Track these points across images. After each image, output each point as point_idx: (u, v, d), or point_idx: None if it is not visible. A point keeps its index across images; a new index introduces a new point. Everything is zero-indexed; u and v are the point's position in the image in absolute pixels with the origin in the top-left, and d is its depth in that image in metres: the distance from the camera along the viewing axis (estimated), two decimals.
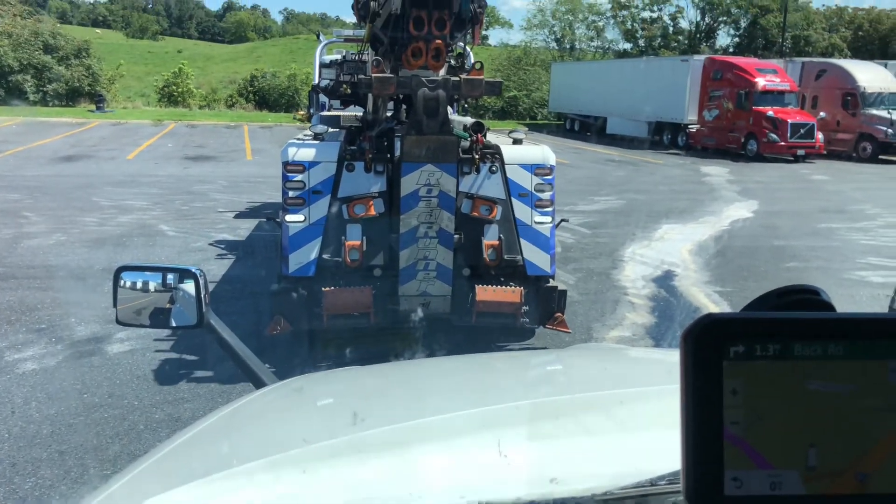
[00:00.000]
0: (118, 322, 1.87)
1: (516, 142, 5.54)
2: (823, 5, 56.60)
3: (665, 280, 8.09)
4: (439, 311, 5.27)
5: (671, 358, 1.66)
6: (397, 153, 5.14)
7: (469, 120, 6.32)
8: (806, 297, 0.69)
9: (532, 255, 5.25)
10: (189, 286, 1.81)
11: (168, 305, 1.84)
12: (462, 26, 4.84)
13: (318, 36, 10.75)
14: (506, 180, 5.24)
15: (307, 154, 5.13)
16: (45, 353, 5.47)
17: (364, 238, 5.07)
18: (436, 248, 5.06)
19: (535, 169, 5.28)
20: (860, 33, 49.38)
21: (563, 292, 5.39)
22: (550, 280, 5.37)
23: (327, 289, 4.94)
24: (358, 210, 5.07)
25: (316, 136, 5.46)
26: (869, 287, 7.90)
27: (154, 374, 5.11)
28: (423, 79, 4.74)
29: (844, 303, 7.17)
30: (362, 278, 5.10)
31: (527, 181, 5.27)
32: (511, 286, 5.16)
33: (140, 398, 4.74)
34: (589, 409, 1.34)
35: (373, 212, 5.08)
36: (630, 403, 1.33)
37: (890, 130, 23.24)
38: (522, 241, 5.24)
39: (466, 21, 4.77)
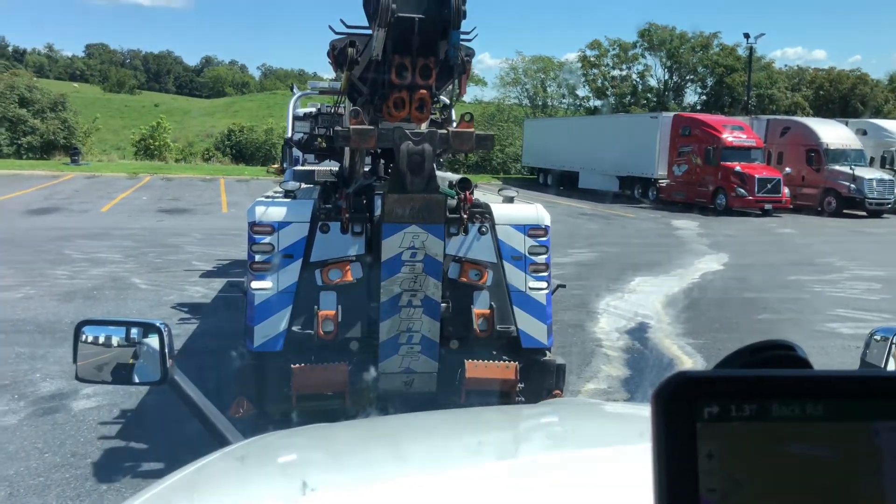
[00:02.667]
0: (78, 378, 1.81)
1: (507, 200, 5.09)
2: (786, 66, 58.75)
3: (639, 332, 8.11)
4: (424, 390, 4.69)
5: (646, 413, 1.64)
6: (377, 212, 4.69)
7: (454, 176, 5.93)
8: (781, 354, 0.66)
9: (527, 324, 4.74)
10: (153, 341, 1.76)
11: (131, 361, 1.79)
12: (448, 76, 4.42)
13: (291, 88, 10.78)
14: (497, 242, 4.78)
15: (277, 214, 4.64)
16: (7, 411, 5.29)
17: (339, 307, 4.53)
18: (420, 318, 4.52)
19: (528, 230, 4.84)
20: (821, 93, 51.22)
21: (562, 366, 4.86)
22: (547, 353, 4.84)
23: (297, 366, 4.36)
24: (333, 276, 4.57)
25: (287, 194, 4.98)
26: (840, 339, 7.99)
27: (119, 431, 4.96)
28: (406, 131, 4.29)
29: (816, 354, 7.23)
30: (337, 353, 4.53)
31: (520, 243, 4.82)
32: (504, 360, 4.62)
33: (104, 456, 4.58)
34: (563, 468, 1.31)
35: (350, 278, 4.58)
36: (604, 464, 1.30)
37: (853, 186, 23.93)
38: (516, 310, 4.74)
39: (453, 70, 4.34)
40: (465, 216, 4.74)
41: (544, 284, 4.85)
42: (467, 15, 4.00)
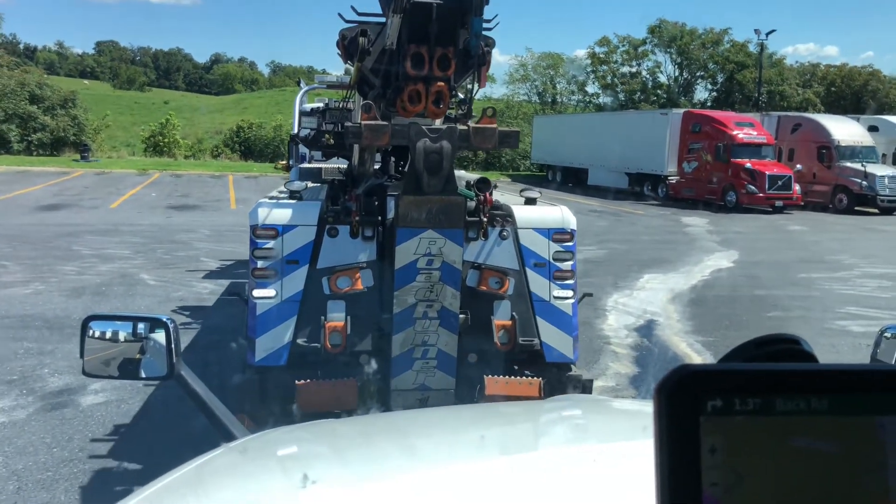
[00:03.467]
0: (84, 373, 1.82)
1: (529, 202, 4.74)
2: (797, 62, 58.44)
3: (647, 329, 8.08)
4: None
5: (650, 409, 1.63)
6: (390, 215, 4.38)
7: (472, 175, 5.60)
8: (786, 348, 0.65)
9: (551, 337, 4.43)
10: (160, 336, 1.76)
11: (138, 356, 1.80)
12: (467, 67, 4.05)
13: (298, 83, 10.64)
14: (519, 247, 4.46)
15: (281, 216, 4.31)
16: (16, 406, 5.32)
17: (349, 318, 4.20)
18: (437, 331, 4.14)
19: (552, 234, 4.51)
20: (833, 89, 50.88)
21: (589, 382, 4.59)
22: (573, 367, 4.53)
23: (301, 382, 4.01)
24: (342, 284, 4.23)
25: (292, 195, 4.63)
26: (850, 336, 7.93)
27: (127, 426, 4.98)
28: (423, 127, 3.94)
29: (827, 352, 7.18)
30: (345, 368, 4.21)
31: (544, 248, 4.49)
32: (527, 376, 4.31)
33: (112, 451, 4.60)
34: (568, 464, 1.30)
35: (360, 286, 4.24)
36: (608, 459, 1.29)
37: (864, 182, 23.76)
38: (539, 321, 4.43)
39: (473, 60, 3.97)
40: (485, 219, 4.40)
41: (570, 293, 4.52)
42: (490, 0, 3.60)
